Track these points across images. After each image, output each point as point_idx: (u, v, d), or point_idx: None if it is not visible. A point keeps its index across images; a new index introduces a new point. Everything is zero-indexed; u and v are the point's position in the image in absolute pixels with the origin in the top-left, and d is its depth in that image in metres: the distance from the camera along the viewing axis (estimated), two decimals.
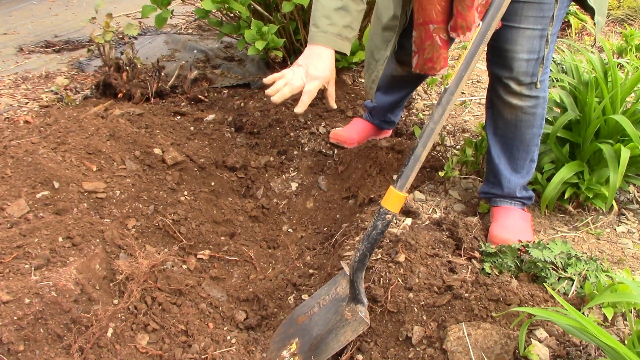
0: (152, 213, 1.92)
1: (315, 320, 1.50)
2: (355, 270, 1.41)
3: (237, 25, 2.79)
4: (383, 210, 1.37)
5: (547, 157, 2.03)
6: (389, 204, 1.37)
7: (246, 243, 2.07)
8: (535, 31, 1.61)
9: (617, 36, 4.13)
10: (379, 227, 1.37)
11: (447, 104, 1.37)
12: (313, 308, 1.55)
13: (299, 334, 1.50)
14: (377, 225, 1.37)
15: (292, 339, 1.50)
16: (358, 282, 1.42)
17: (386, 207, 1.37)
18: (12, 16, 4.31)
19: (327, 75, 1.59)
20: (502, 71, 1.69)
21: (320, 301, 1.54)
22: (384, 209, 1.37)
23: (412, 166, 1.36)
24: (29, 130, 2.15)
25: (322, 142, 2.51)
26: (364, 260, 1.40)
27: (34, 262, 1.47)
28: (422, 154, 1.36)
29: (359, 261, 1.40)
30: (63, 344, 1.35)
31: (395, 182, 1.38)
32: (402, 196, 1.37)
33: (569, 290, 1.51)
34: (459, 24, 1.56)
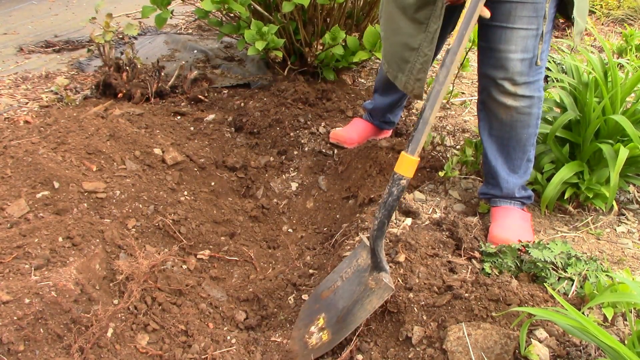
0: (152, 213, 1.92)
1: (340, 293, 1.51)
2: (375, 238, 1.42)
3: (237, 25, 2.79)
4: (397, 176, 1.38)
5: (547, 157, 2.03)
6: (403, 169, 1.38)
7: (246, 243, 2.07)
8: (530, 31, 1.62)
9: (617, 36, 4.13)
10: (394, 193, 1.38)
11: (450, 64, 1.38)
12: (336, 282, 1.56)
13: (324, 309, 1.52)
14: (392, 192, 1.38)
15: (319, 314, 1.52)
16: (379, 250, 1.43)
17: (400, 173, 1.38)
18: (12, 16, 4.31)
19: None
20: (497, 72, 1.69)
21: (343, 274, 1.56)
22: (398, 174, 1.38)
23: (422, 129, 1.38)
24: (29, 130, 2.15)
25: (322, 142, 2.51)
26: (382, 228, 1.41)
27: (34, 262, 1.47)
28: (430, 117, 1.38)
29: (377, 229, 1.41)
30: (63, 344, 1.35)
31: (406, 147, 1.39)
32: (415, 160, 1.38)
33: (569, 290, 1.51)
34: None
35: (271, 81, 2.98)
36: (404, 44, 1.82)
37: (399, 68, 1.88)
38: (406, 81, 1.87)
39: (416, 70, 1.81)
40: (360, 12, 2.97)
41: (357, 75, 3.25)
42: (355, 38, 2.72)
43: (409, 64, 1.82)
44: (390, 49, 1.90)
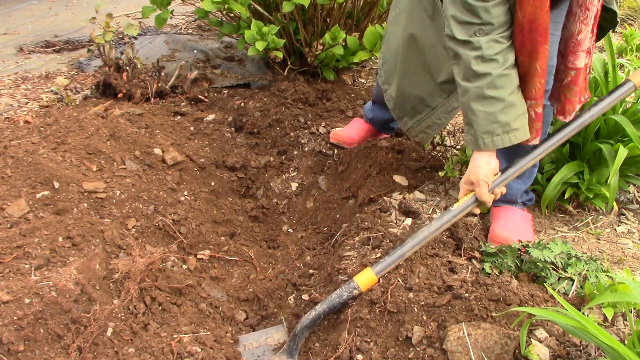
0: (152, 213, 1.92)
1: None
2: (303, 327, 1.47)
3: (237, 25, 2.79)
4: (353, 285, 1.48)
5: (547, 157, 2.03)
6: (361, 282, 1.48)
7: (246, 243, 2.07)
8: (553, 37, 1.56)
9: (617, 36, 4.13)
10: (343, 296, 1.47)
11: (446, 222, 1.53)
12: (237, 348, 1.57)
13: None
14: (342, 295, 1.47)
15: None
16: (300, 338, 1.48)
17: (357, 283, 1.47)
18: (12, 16, 4.31)
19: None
20: None
21: (247, 344, 1.57)
22: (355, 283, 1.48)
23: (395, 259, 1.49)
24: (29, 130, 2.15)
25: (322, 142, 2.51)
26: (316, 320, 1.48)
27: (34, 262, 1.47)
28: (408, 253, 1.50)
29: (311, 319, 1.47)
30: (63, 344, 1.35)
31: (375, 264, 1.49)
32: (375, 280, 1.49)
33: (569, 290, 1.51)
34: (567, 108, 1.63)
35: (271, 81, 2.98)
36: (421, 99, 1.87)
37: (407, 113, 1.94)
38: (412, 127, 1.94)
39: (425, 125, 1.88)
40: (360, 12, 2.97)
41: (357, 75, 3.25)
42: (355, 38, 2.72)
43: (420, 115, 1.88)
44: (403, 96, 1.93)
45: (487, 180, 1.53)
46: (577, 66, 1.55)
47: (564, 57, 1.57)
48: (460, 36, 1.47)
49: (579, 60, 1.54)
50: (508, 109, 1.49)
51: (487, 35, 1.45)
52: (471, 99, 1.50)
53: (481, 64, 1.46)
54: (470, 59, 1.46)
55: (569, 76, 1.58)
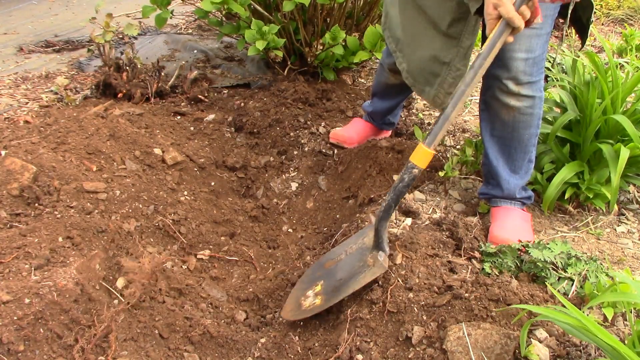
0: (152, 213, 1.92)
1: (341, 265, 1.62)
2: (380, 219, 1.50)
3: (237, 25, 2.79)
4: (411, 165, 1.47)
5: (547, 157, 2.03)
6: (417, 159, 1.46)
7: (246, 243, 2.07)
8: (533, 30, 1.61)
9: (617, 36, 4.13)
10: (405, 179, 1.47)
11: (479, 67, 1.43)
12: (340, 255, 1.67)
13: (325, 277, 1.63)
14: (403, 178, 1.47)
15: (319, 281, 1.64)
16: (382, 230, 1.51)
17: (414, 162, 1.46)
18: (12, 16, 4.31)
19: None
20: (501, 71, 1.69)
21: (348, 249, 1.66)
22: (412, 163, 1.47)
23: (441, 125, 1.44)
24: (29, 130, 2.15)
25: (322, 142, 2.51)
26: (389, 211, 1.49)
27: (34, 262, 1.47)
28: (451, 114, 1.44)
29: (384, 211, 1.49)
30: (63, 344, 1.35)
31: (424, 139, 1.47)
32: (430, 153, 1.45)
33: (569, 290, 1.51)
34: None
35: (271, 81, 2.98)
36: (434, 58, 1.80)
37: (426, 81, 1.86)
38: (435, 95, 1.86)
39: (447, 85, 1.80)
40: (360, 12, 2.97)
41: (357, 75, 3.25)
42: (356, 38, 2.72)
43: (439, 77, 1.81)
44: (418, 63, 1.87)
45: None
46: None
47: None
48: None
49: None
50: None
51: None
52: None
53: None
54: None
55: None
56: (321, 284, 1.62)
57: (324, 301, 1.54)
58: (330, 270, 1.64)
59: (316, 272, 1.70)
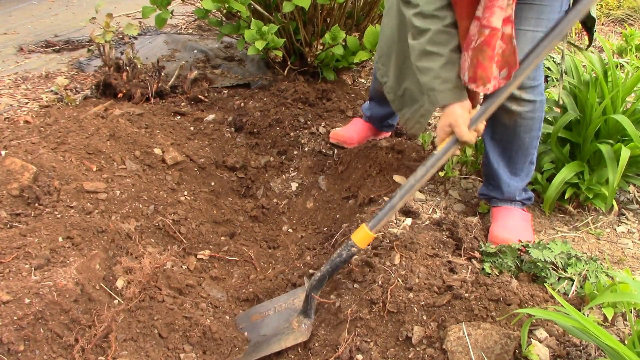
0: (152, 213, 1.92)
1: (267, 322, 1.63)
2: (312, 287, 1.54)
3: (237, 25, 2.79)
4: (350, 243, 1.50)
5: (547, 157, 2.03)
6: (358, 239, 1.50)
7: (246, 243, 2.07)
8: (536, 33, 1.60)
9: (617, 36, 4.13)
10: (343, 255, 1.50)
11: (431, 167, 1.49)
12: (269, 310, 1.67)
13: (249, 330, 1.64)
14: (341, 254, 1.50)
15: (243, 333, 1.64)
16: (312, 298, 1.54)
17: (354, 241, 1.50)
18: (12, 16, 4.31)
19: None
20: None
21: (277, 307, 1.67)
22: (352, 241, 1.50)
23: (387, 212, 1.50)
24: (29, 130, 2.15)
25: (322, 142, 2.51)
26: (322, 281, 1.53)
27: (34, 262, 1.47)
28: (397, 204, 1.50)
29: (318, 280, 1.53)
30: (63, 344, 1.35)
31: (368, 221, 1.51)
32: (371, 236, 1.50)
33: (569, 290, 1.51)
34: (478, 75, 1.46)
35: (271, 81, 2.98)
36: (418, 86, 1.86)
37: (406, 104, 1.94)
38: (409, 118, 1.94)
39: (419, 115, 1.88)
40: (360, 12, 2.97)
41: (357, 75, 3.25)
42: (356, 38, 2.72)
43: (417, 103, 1.88)
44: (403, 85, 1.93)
45: (465, 118, 1.48)
46: (491, 24, 1.38)
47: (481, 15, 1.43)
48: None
49: (493, 18, 1.38)
50: (449, 65, 1.49)
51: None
52: (416, 56, 1.55)
53: (421, 20, 1.50)
54: (412, 17, 1.52)
55: (482, 35, 1.41)
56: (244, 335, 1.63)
57: (244, 354, 1.55)
58: (256, 325, 1.65)
59: (241, 322, 1.69)
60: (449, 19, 1.49)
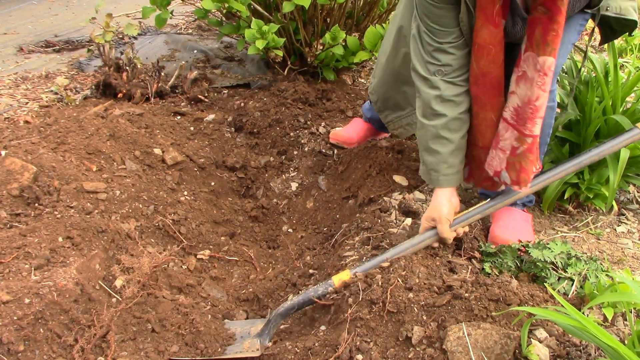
0: (152, 213, 1.92)
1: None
2: (278, 313, 1.56)
3: (237, 25, 2.79)
4: (331, 283, 1.55)
5: (547, 157, 2.03)
6: (337, 279, 1.55)
7: (246, 243, 2.07)
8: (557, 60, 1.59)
9: None
10: (319, 291, 1.56)
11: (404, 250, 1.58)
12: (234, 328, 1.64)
13: None
14: (317, 290, 1.56)
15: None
16: (273, 324, 1.56)
17: (333, 281, 1.55)
18: (12, 16, 4.31)
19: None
20: None
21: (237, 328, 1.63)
22: (332, 281, 1.55)
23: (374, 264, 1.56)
24: (29, 130, 2.15)
25: (322, 142, 2.51)
26: (289, 310, 1.56)
27: (34, 262, 1.47)
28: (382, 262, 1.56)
29: (286, 308, 1.56)
30: (63, 344, 1.35)
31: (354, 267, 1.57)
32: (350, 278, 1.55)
33: (569, 290, 1.51)
34: (522, 178, 1.54)
35: (271, 81, 2.98)
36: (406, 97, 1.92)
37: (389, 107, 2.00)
38: (392, 121, 2.01)
39: (405, 122, 1.96)
40: (360, 12, 2.97)
41: (357, 75, 3.25)
42: (356, 38, 2.72)
43: (402, 112, 1.95)
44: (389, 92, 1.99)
45: (449, 217, 1.58)
46: (533, 133, 1.47)
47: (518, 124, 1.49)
48: (423, 72, 1.54)
49: (535, 127, 1.46)
50: (457, 151, 1.57)
51: (445, 76, 1.51)
52: (427, 137, 1.59)
53: (440, 104, 1.53)
54: (431, 98, 1.54)
55: (525, 144, 1.48)
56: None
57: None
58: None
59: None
60: (464, 106, 1.53)
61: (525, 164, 1.51)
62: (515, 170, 1.54)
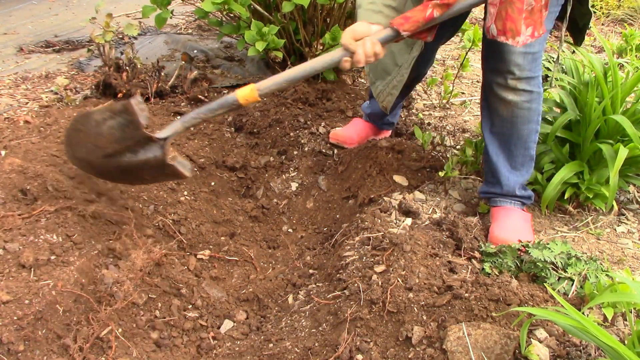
0: (152, 213, 1.92)
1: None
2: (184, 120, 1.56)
3: (237, 25, 2.79)
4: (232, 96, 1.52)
5: (547, 157, 2.03)
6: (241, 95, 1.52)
7: (246, 243, 2.07)
8: None
9: (617, 36, 4.13)
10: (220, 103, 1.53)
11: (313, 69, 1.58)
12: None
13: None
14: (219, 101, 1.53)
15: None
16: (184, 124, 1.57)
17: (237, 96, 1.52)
18: (12, 16, 4.31)
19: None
20: (499, 65, 1.70)
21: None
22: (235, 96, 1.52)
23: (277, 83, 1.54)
24: (29, 130, 2.15)
25: (322, 142, 2.51)
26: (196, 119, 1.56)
27: (34, 262, 1.47)
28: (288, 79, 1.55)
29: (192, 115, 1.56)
30: (63, 344, 1.35)
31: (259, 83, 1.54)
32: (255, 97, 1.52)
33: (569, 290, 1.51)
34: (508, 27, 1.54)
35: None
36: (392, 58, 1.96)
37: (379, 76, 2.01)
38: (381, 90, 2.03)
39: (391, 86, 1.97)
40: None
41: (357, 75, 3.25)
42: None
43: (389, 76, 1.97)
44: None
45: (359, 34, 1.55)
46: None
47: None
48: None
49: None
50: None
51: None
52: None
53: None
54: None
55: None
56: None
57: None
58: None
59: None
60: None
61: (512, 11, 1.50)
62: (502, 19, 1.53)
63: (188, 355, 1.53)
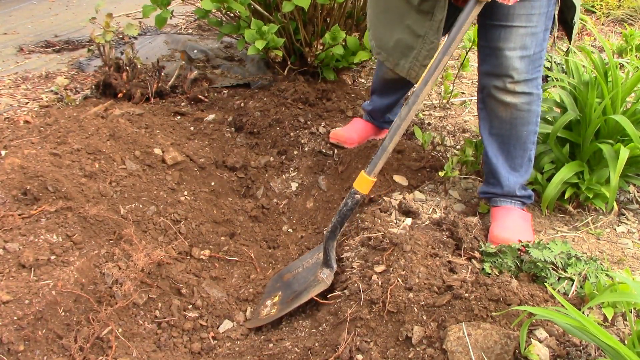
0: (152, 213, 1.92)
1: (297, 278, 1.77)
2: (327, 239, 1.67)
3: (237, 25, 2.79)
4: (354, 191, 1.63)
5: (547, 157, 2.03)
6: (359, 186, 1.63)
7: (246, 243, 2.07)
8: (528, 29, 1.64)
9: (617, 36, 4.13)
10: (349, 204, 1.64)
11: (412, 104, 1.60)
12: (298, 269, 1.82)
13: (282, 289, 1.77)
14: (347, 203, 1.64)
15: (277, 292, 1.77)
16: (329, 249, 1.68)
17: (356, 188, 1.63)
18: (12, 16, 4.31)
19: None
20: (496, 70, 1.70)
21: (305, 263, 1.82)
22: (355, 189, 1.63)
23: (380, 155, 1.63)
24: (29, 130, 2.15)
25: (322, 142, 2.51)
26: (335, 231, 1.67)
27: (34, 262, 1.47)
28: (389, 146, 1.62)
29: (330, 231, 1.67)
30: (63, 344, 1.35)
31: (366, 168, 1.64)
32: (371, 180, 1.62)
33: (569, 290, 1.51)
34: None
35: (271, 81, 2.98)
36: (410, 31, 1.86)
37: (402, 55, 1.92)
38: (410, 67, 1.91)
39: (422, 57, 1.86)
40: (361, 12, 2.97)
41: (357, 75, 3.25)
42: (356, 38, 2.72)
43: (415, 50, 1.87)
44: (393, 37, 1.92)
45: None
46: None
47: None
48: None
49: None
50: None
51: None
52: None
53: None
54: None
55: None
56: (279, 295, 1.74)
57: (278, 311, 1.66)
58: (288, 282, 1.78)
59: (276, 283, 1.82)
60: None
61: None
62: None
63: (188, 355, 1.53)
